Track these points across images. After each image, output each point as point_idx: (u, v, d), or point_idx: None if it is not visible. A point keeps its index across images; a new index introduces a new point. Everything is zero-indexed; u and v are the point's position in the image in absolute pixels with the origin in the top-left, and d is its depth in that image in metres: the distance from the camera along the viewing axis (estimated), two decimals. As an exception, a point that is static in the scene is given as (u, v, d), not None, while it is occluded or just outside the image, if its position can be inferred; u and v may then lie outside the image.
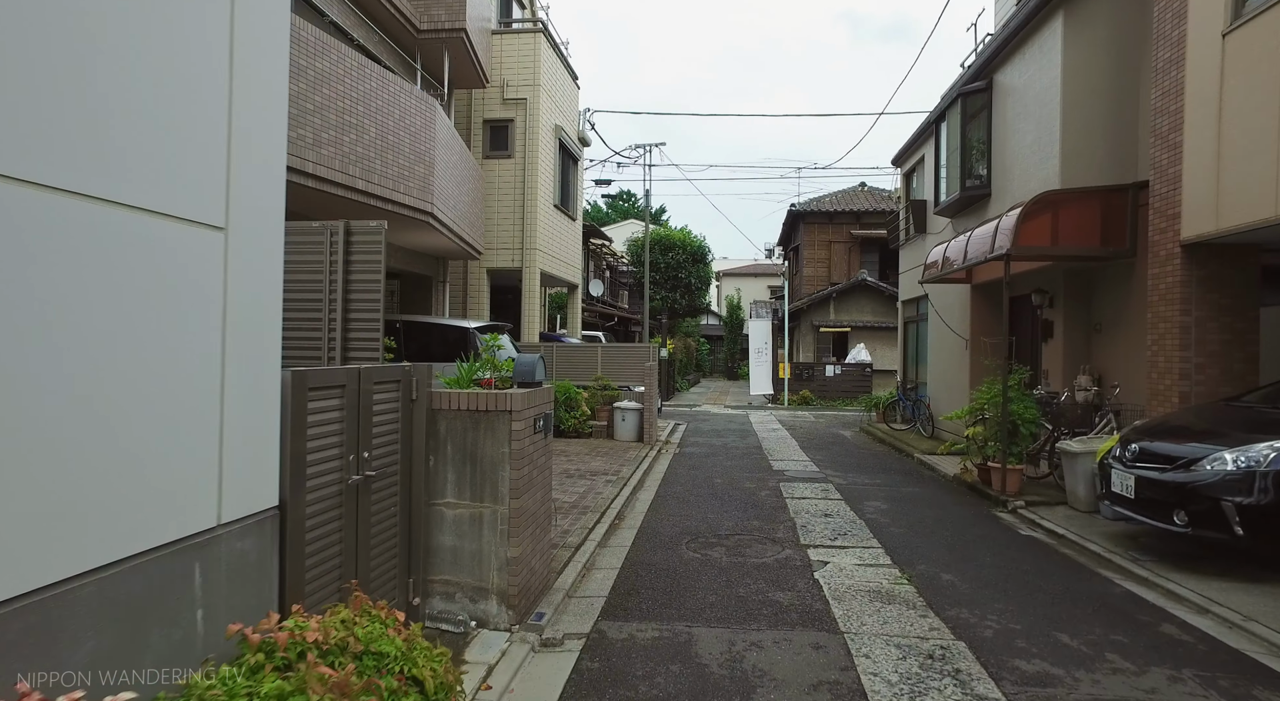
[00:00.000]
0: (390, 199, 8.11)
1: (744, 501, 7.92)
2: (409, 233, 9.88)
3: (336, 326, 4.02)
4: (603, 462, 9.98)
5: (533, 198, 13.99)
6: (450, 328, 9.82)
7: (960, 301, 11.68)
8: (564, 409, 12.52)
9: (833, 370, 22.70)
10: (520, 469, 4.14)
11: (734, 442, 13.24)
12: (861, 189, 27.97)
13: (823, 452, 12.03)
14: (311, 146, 6.78)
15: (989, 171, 10.41)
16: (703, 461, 10.88)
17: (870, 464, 10.87)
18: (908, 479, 9.56)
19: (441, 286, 12.75)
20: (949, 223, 12.27)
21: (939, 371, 12.85)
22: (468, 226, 11.38)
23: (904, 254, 15.87)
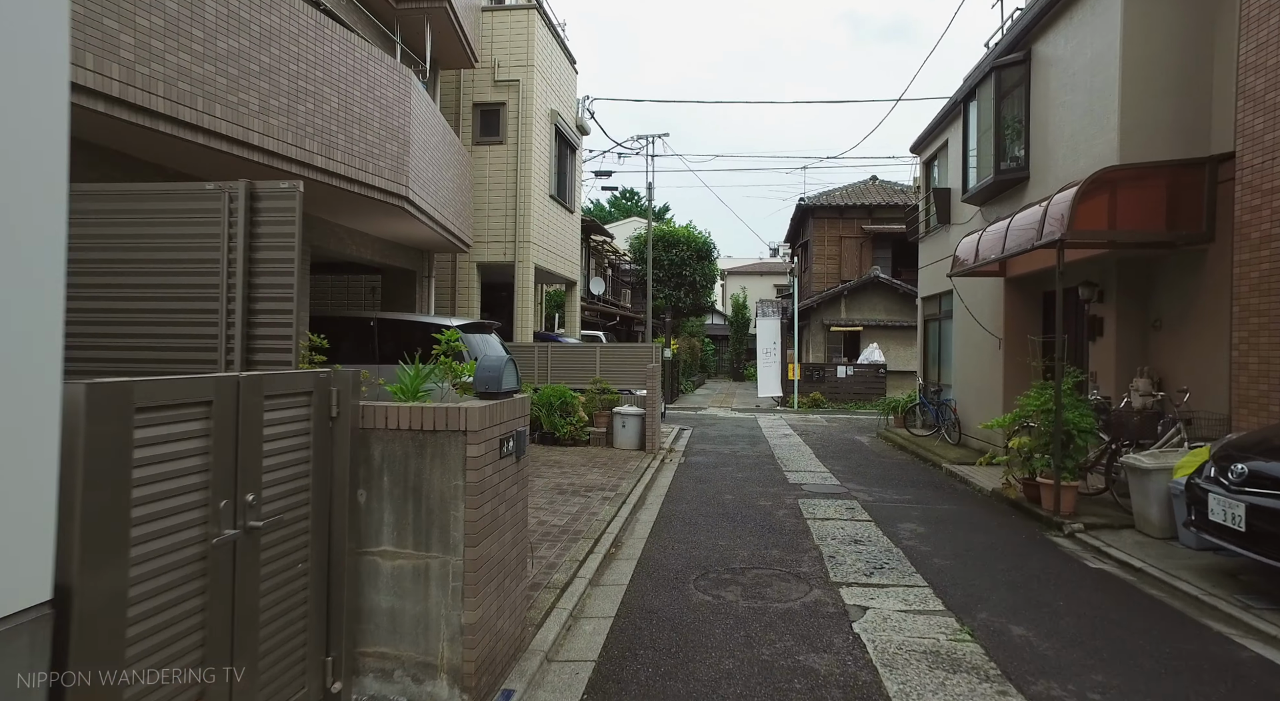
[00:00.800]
0: (357, 180, 7.14)
1: (759, 523, 6.93)
2: (384, 220, 8.92)
3: (236, 322, 3.04)
4: (600, 475, 9.00)
5: (526, 187, 13.02)
6: (431, 327, 8.85)
7: (992, 297, 10.67)
8: (559, 415, 11.54)
9: (844, 371, 21.69)
10: (480, 506, 3.16)
11: (744, 451, 12.25)
12: (873, 182, 26.95)
13: (841, 462, 11.03)
14: (257, 114, 5.81)
15: (1027, 152, 9.41)
16: (711, 473, 9.90)
17: (896, 476, 9.87)
18: (941, 494, 8.56)
19: (426, 282, 11.78)
20: (978, 211, 11.26)
21: (966, 373, 11.84)
22: (453, 216, 10.42)
23: (924, 247, 14.86)
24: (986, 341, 10.81)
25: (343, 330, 9.04)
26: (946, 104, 12.57)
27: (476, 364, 3.64)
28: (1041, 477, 7.21)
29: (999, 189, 10.07)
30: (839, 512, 7.45)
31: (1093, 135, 7.80)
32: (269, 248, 3.12)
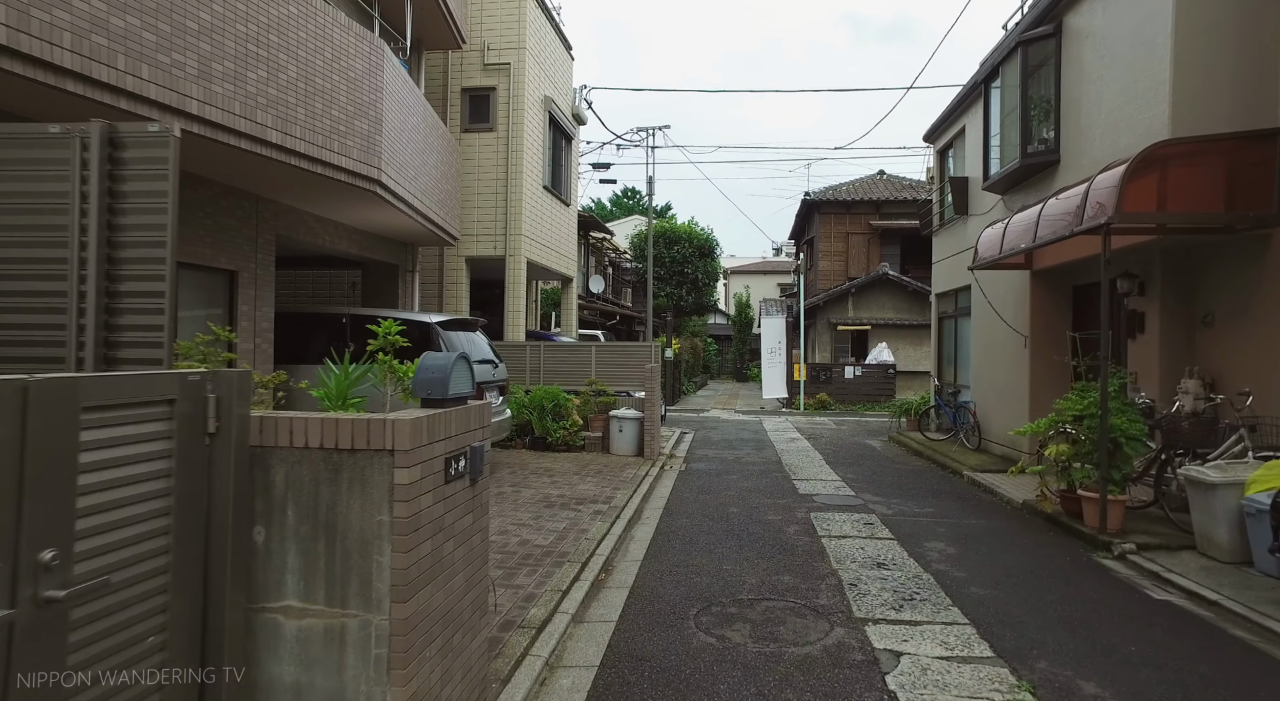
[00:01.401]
0: (320, 159, 6.41)
1: (769, 542, 6.18)
2: (358, 208, 8.19)
3: (89, 308, 2.31)
4: (593, 485, 8.26)
5: (518, 176, 12.29)
6: (408, 324, 8.11)
7: (1016, 292, 9.91)
8: (552, 418, 10.81)
9: (852, 372, 20.93)
10: (414, 548, 2.43)
11: (749, 456, 11.50)
12: (880, 177, 26.18)
13: (854, 469, 10.28)
14: (196, 79, 5.08)
15: (1057, 134, 8.65)
16: (714, 482, 9.15)
17: (913, 484, 9.11)
18: (966, 506, 7.80)
19: (410, 277, 11.06)
20: (999, 200, 10.50)
21: (987, 374, 11.08)
22: (436, 205, 9.69)
23: (938, 241, 14.10)
24: (1010, 339, 10.05)
25: (312, 328, 8.32)
26: (964, 87, 11.82)
27: (419, 363, 2.91)
28: (1083, 490, 6.46)
29: (1025, 174, 9.31)
30: (856, 529, 6.70)
31: (1136, 110, 7.04)
32: (136, 210, 2.39)
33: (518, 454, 10.46)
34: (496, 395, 8.75)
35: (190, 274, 6.59)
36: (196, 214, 6.54)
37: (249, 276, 7.24)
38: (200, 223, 6.60)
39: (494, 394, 8.66)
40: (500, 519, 6.54)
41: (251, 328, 7.30)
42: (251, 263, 7.27)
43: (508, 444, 10.89)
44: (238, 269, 7.07)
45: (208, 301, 6.96)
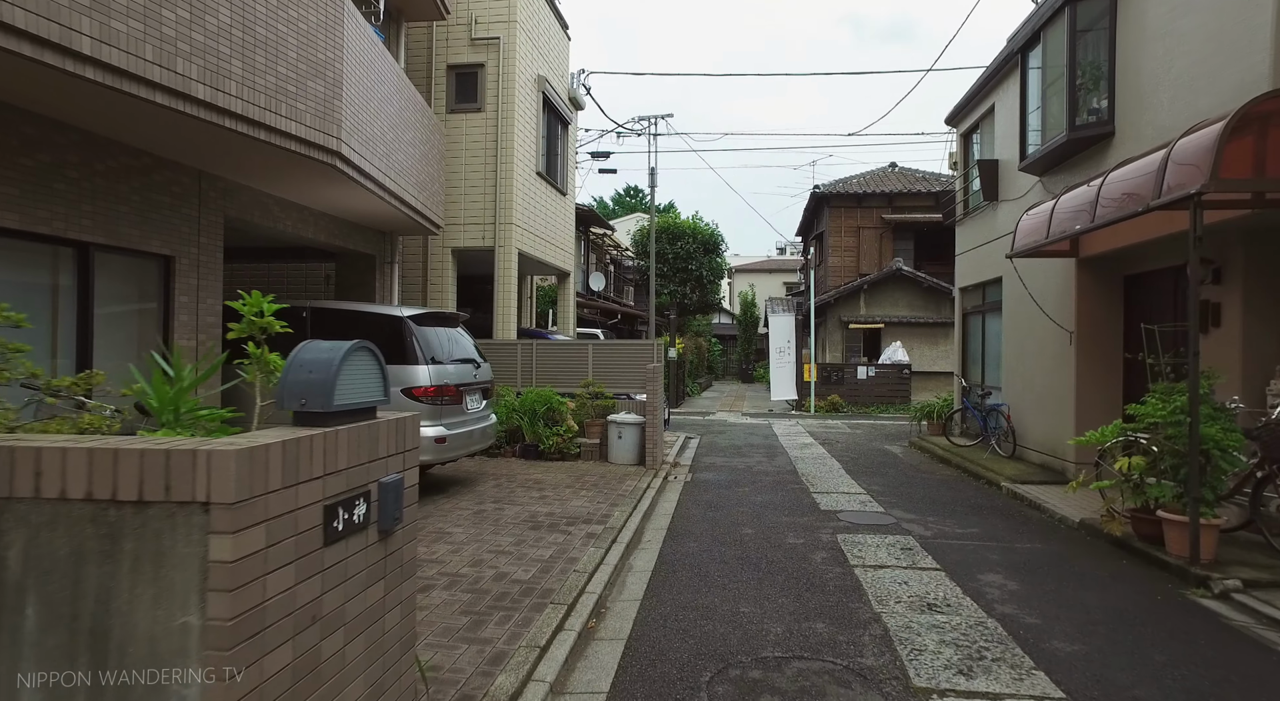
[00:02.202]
0: (263, 122, 5.44)
1: (793, 574, 5.19)
2: (322, 188, 7.23)
3: None
4: (587, 501, 7.28)
5: (508, 160, 11.32)
6: (377, 317, 7.17)
7: (1059, 283, 8.91)
8: (544, 424, 9.83)
9: (865, 372, 19.91)
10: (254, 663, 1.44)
11: (760, 464, 10.50)
12: (892, 169, 25.17)
13: (877, 480, 9.28)
14: (88, 11, 4.12)
15: (1112, 102, 7.65)
16: (724, 496, 8.16)
17: (947, 498, 8.11)
18: (1014, 526, 6.80)
19: (389, 268, 10.09)
20: (1037, 182, 9.50)
21: (1023, 374, 10.07)
22: (415, 188, 8.72)
23: (962, 231, 13.09)
24: (1052, 335, 9.05)
25: (267, 322, 7.34)
26: (994, 62, 10.81)
27: (291, 359, 1.92)
28: (1164, 511, 5.46)
29: (1071, 151, 8.30)
30: (894, 556, 5.70)
31: (1221, 64, 6.04)
32: None
33: (506, 463, 9.49)
34: (479, 399, 7.78)
35: (111, 258, 5.62)
36: (118, 187, 5.57)
37: (189, 263, 6.27)
38: (124, 198, 5.63)
39: (476, 398, 7.69)
40: (476, 545, 5.56)
41: (193, 323, 6.34)
42: (192, 247, 6.31)
43: (495, 452, 9.92)
44: (174, 254, 6.11)
45: (137, 292, 5.99)
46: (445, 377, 7.02)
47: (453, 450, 7.07)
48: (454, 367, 7.31)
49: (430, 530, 5.92)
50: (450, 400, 7.06)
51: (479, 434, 7.71)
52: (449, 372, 7.14)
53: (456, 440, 7.11)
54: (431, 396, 6.81)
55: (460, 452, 7.36)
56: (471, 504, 6.99)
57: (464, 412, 7.36)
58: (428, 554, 5.27)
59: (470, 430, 7.44)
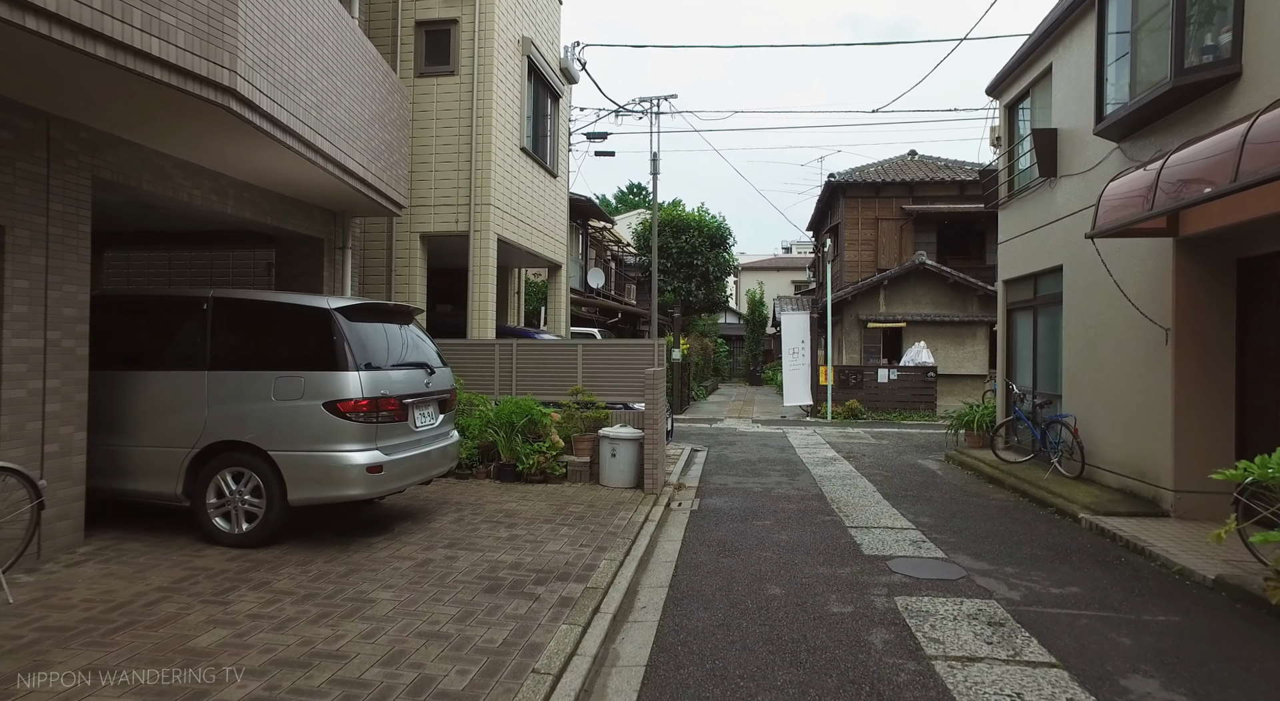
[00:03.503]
0: (104, 34, 3.90)
1: (848, 676, 3.62)
2: (225, 144, 5.68)
3: None
4: (567, 542, 5.72)
5: (485, 131, 9.77)
6: (295, 310, 5.60)
7: (1150, 269, 7.31)
8: (523, 439, 8.28)
9: (886, 375, 18.31)
10: None
11: (780, 486, 8.92)
12: (911, 158, 23.56)
13: (923, 508, 7.70)
14: None
15: (1237, 36, 6.05)
16: (739, 532, 6.59)
17: (1016, 534, 6.52)
18: (1122, 581, 5.21)
19: (340, 255, 8.54)
20: (1114, 149, 7.90)
21: (1093, 380, 8.47)
22: (363, 155, 7.19)
23: (1007, 215, 11.49)
24: (1137, 334, 7.45)
25: (157, 318, 5.81)
26: (1054, 12, 9.21)
27: None
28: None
29: (1173, 102, 6.71)
30: (983, 638, 4.11)
31: None
32: None
33: (476, 487, 7.93)
34: (434, 413, 6.22)
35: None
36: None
37: (30, 237, 4.72)
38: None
39: (429, 411, 6.13)
40: (404, 621, 4.00)
41: (40, 316, 4.79)
42: (35, 215, 4.76)
43: (466, 473, 8.36)
44: (4, 224, 4.56)
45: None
46: (384, 387, 5.46)
47: (394, 480, 5.51)
48: (399, 374, 5.75)
49: (347, 596, 4.36)
50: (391, 416, 5.50)
51: (435, 456, 6.15)
52: (391, 381, 5.58)
53: (400, 466, 5.55)
54: (364, 412, 5.26)
55: (407, 481, 5.80)
56: (418, 549, 5.43)
57: (412, 431, 5.80)
58: (329, 639, 3.72)
59: (421, 453, 5.88)
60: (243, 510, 5.27)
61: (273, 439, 5.21)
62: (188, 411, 5.33)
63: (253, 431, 5.24)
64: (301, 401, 5.22)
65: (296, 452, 5.19)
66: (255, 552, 5.16)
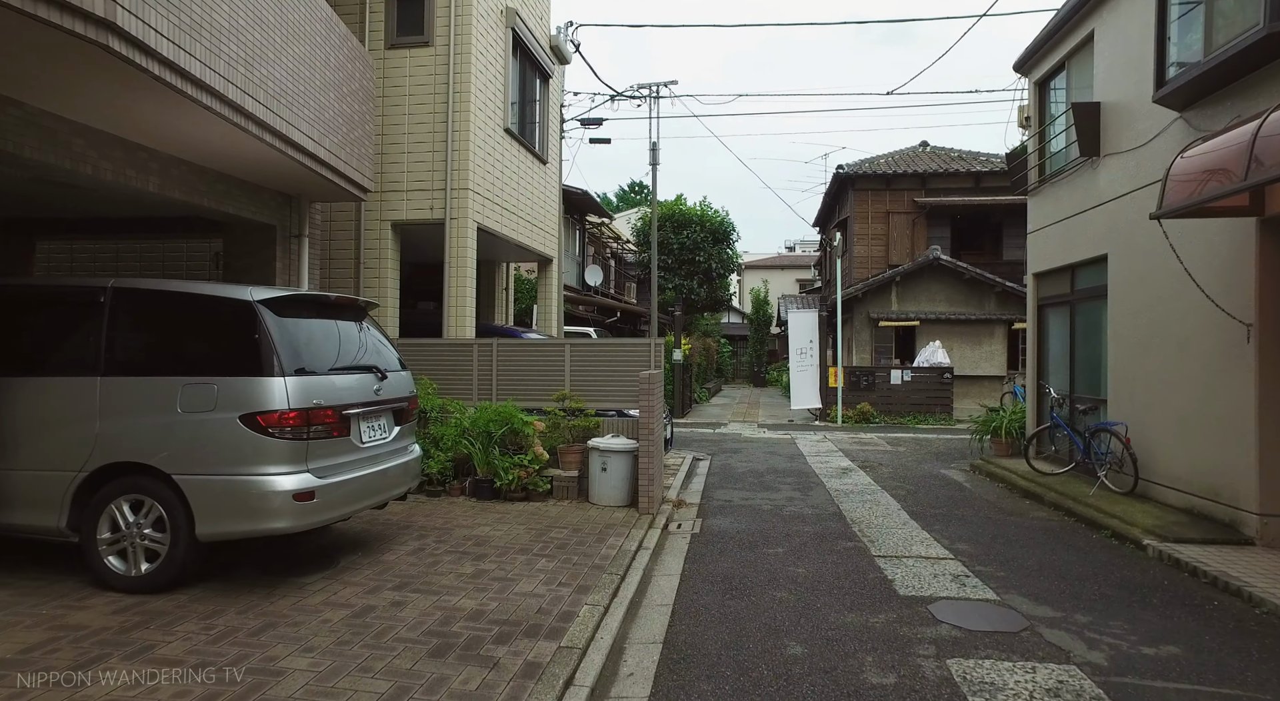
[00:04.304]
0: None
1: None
2: (131, 102, 4.72)
3: None
4: (543, 581, 4.76)
5: (463, 108, 8.81)
6: (210, 302, 4.64)
7: (1225, 255, 6.32)
8: (501, 451, 7.33)
9: (900, 376, 17.30)
10: None
11: (792, 504, 7.95)
12: (924, 149, 22.56)
13: (958, 530, 6.72)
14: None
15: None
16: (747, 565, 5.61)
17: (1075, 566, 5.53)
18: (1226, 635, 4.22)
19: (295, 243, 7.59)
20: (1177, 118, 6.92)
21: (1148, 382, 7.47)
22: (312, 126, 6.24)
23: (1038, 203, 10.50)
24: (1209, 330, 6.46)
25: (41, 311, 4.84)
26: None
27: None
28: None
29: (1264, 55, 5.70)
30: (1072, 726, 3.14)
31: None
32: None
33: (447, 507, 6.97)
34: (386, 425, 5.26)
35: None
36: None
37: None
38: None
39: (380, 424, 5.17)
40: (306, 712, 3.03)
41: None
42: None
43: (438, 490, 7.41)
44: None
45: None
46: (319, 395, 4.50)
47: (331, 508, 4.55)
48: (341, 380, 4.79)
49: (252, 665, 3.39)
50: (327, 430, 4.54)
51: (389, 475, 5.19)
52: (329, 388, 4.62)
53: (340, 491, 4.58)
54: (292, 426, 4.29)
55: (351, 508, 4.84)
56: (359, 592, 4.47)
57: (356, 447, 4.84)
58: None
59: (370, 473, 4.92)
60: (142, 547, 4.30)
61: (178, 460, 4.25)
62: (75, 427, 4.36)
63: (154, 451, 4.27)
64: (214, 414, 4.25)
65: (207, 477, 4.23)
66: (154, 600, 4.19)
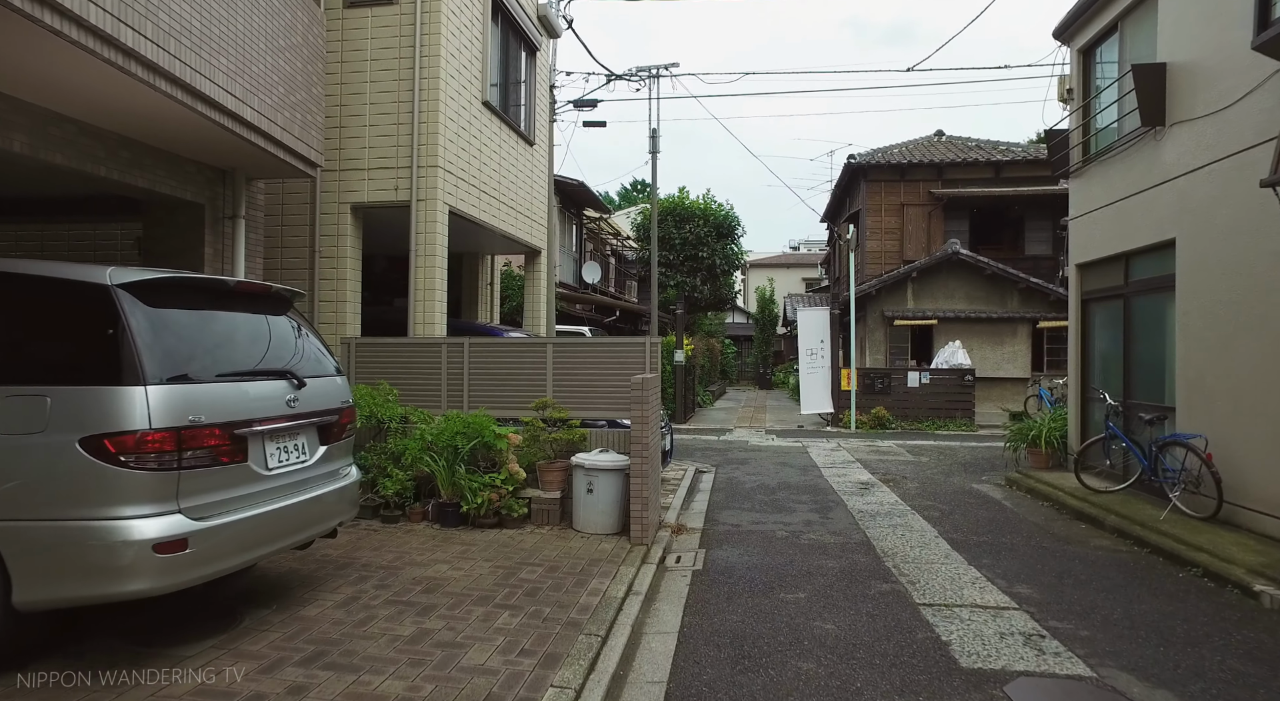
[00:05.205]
0: None
1: None
2: None
3: None
4: (501, 648, 3.65)
5: (432, 74, 7.73)
6: (53, 286, 3.52)
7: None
8: (469, 468, 6.23)
9: (917, 378, 16.16)
10: None
11: (810, 528, 6.83)
12: (939, 138, 21.42)
13: (1009, 563, 5.60)
14: None
15: None
16: (761, 617, 4.50)
17: (1176, 623, 4.41)
18: None
19: (229, 224, 6.49)
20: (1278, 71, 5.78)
21: (1232, 388, 6.34)
22: (233, 80, 5.16)
23: (1082, 185, 9.38)
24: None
25: None
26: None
27: None
28: None
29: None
30: None
31: None
32: None
33: (403, 536, 5.87)
34: (306, 444, 4.16)
35: None
36: None
37: None
38: None
39: (297, 443, 4.07)
40: None
41: None
42: None
43: (396, 515, 6.32)
44: None
45: None
46: (199, 409, 3.40)
47: (217, 559, 3.45)
48: (234, 389, 3.69)
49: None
50: (212, 455, 3.44)
51: (315, 507, 4.10)
52: (214, 399, 3.52)
53: (230, 535, 3.49)
54: (155, 451, 3.20)
55: (249, 556, 3.73)
56: (252, 670, 3.37)
57: (258, 476, 3.74)
58: None
59: (277, 508, 3.81)
60: (-52, 617, 3.20)
61: (-3, 498, 3.15)
62: None
63: (-35, 486, 3.18)
64: (45, 436, 3.16)
65: (31, 524, 3.13)
66: (-41, 691, 3.10)
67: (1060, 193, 18.42)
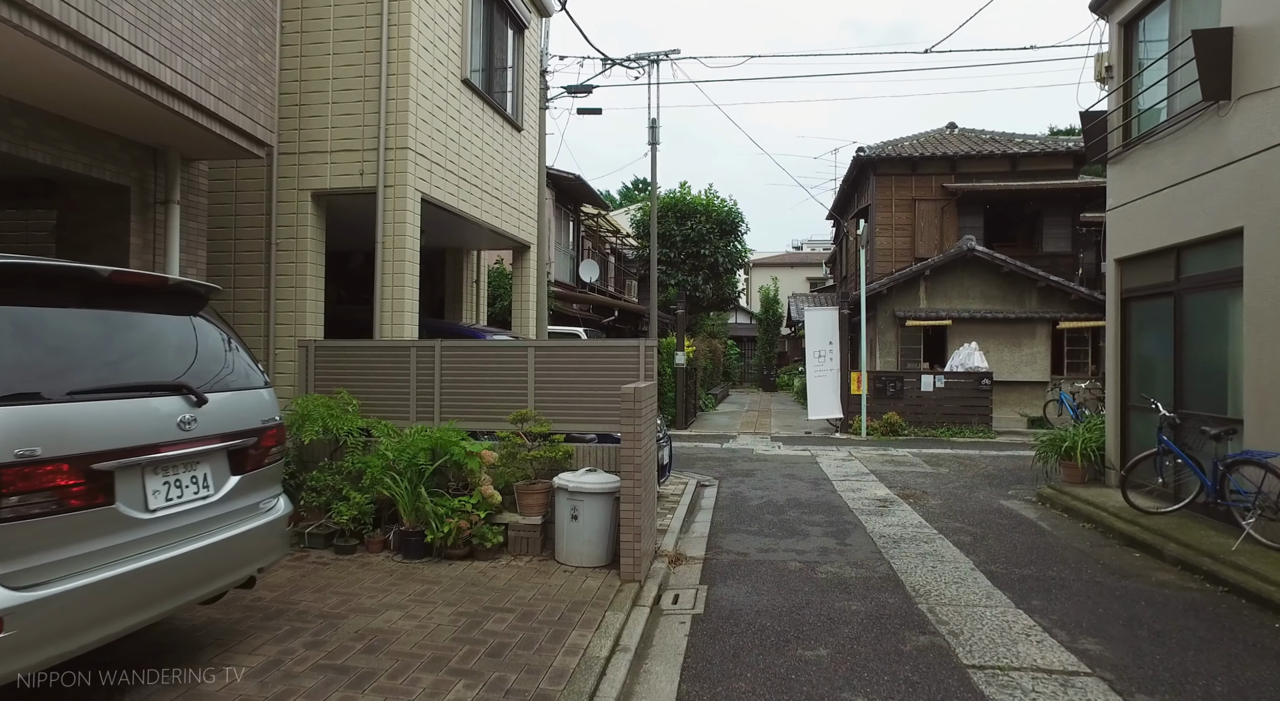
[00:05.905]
0: None
1: None
2: None
3: None
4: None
5: (402, 44, 6.89)
6: None
7: None
8: (433, 490, 5.40)
9: (931, 382, 15.29)
10: None
11: (826, 558, 5.98)
12: (951, 131, 20.56)
13: (1065, 606, 4.75)
14: None
15: None
16: (774, 680, 3.66)
17: (1291, 695, 3.56)
18: None
19: (161, 211, 5.66)
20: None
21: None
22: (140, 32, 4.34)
23: (1123, 171, 8.52)
24: None
25: None
26: None
27: None
28: None
29: None
30: None
31: None
32: None
33: (357, 571, 5.03)
34: (212, 476, 3.33)
35: None
36: None
37: None
38: None
39: (192, 476, 3.23)
40: None
41: None
42: None
43: (352, 544, 5.48)
44: None
45: None
46: (34, 439, 2.56)
47: (58, 638, 2.60)
48: (94, 411, 2.84)
49: None
50: (54, 499, 2.61)
51: (219, 553, 3.27)
52: (63, 425, 2.68)
53: (80, 605, 2.65)
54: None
55: (115, 627, 2.87)
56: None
57: (133, 521, 2.90)
58: None
59: (161, 561, 2.98)
60: None
61: None
62: None
63: None
64: None
65: None
66: None
67: (1080, 187, 17.57)
